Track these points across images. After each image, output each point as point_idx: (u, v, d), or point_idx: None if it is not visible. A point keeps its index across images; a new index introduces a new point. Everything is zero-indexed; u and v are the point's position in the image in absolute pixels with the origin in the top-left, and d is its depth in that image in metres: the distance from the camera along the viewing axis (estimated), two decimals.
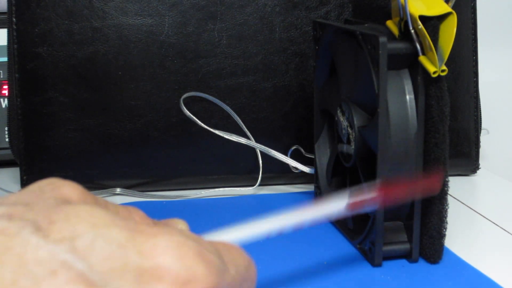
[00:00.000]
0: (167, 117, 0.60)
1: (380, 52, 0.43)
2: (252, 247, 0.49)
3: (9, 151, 0.63)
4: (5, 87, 0.68)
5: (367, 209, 0.40)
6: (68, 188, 0.29)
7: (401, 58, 0.44)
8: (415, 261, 0.46)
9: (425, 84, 0.44)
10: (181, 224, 0.34)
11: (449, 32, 0.43)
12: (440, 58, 0.43)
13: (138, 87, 0.59)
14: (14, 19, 0.58)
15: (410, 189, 0.42)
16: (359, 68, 0.47)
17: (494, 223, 0.54)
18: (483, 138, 0.68)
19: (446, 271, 0.46)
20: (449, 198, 0.45)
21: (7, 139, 0.64)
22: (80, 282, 0.23)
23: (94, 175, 0.60)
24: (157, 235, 0.26)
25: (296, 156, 0.60)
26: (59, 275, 0.23)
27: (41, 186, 0.29)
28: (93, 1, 0.58)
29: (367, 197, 0.40)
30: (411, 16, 0.43)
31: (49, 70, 0.59)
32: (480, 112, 0.66)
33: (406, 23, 0.44)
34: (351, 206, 0.39)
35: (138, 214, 0.30)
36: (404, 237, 0.47)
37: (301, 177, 0.62)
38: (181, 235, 0.26)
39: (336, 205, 0.38)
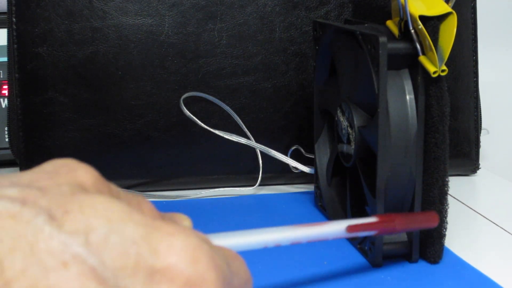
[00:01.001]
0: (167, 117, 0.60)
1: (380, 52, 0.43)
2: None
3: (9, 151, 0.63)
4: (5, 87, 0.68)
5: (365, 233, 0.41)
6: (83, 173, 0.28)
7: (401, 58, 0.44)
8: (415, 261, 0.46)
9: (425, 84, 0.44)
10: (186, 221, 0.34)
11: (449, 32, 0.43)
12: (440, 58, 0.43)
13: (138, 87, 0.59)
14: (14, 19, 0.58)
15: (409, 222, 0.42)
16: (359, 68, 0.47)
17: (494, 223, 0.54)
18: (483, 138, 0.68)
19: (446, 271, 0.46)
20: (449, 198, 0.45)
21: (7, 139, 0.64)
22: (91, 277, 0.22)
23: None
24: (174, 235, 0.25)
25: (296, 156, 0.60)
26: (70, 268, 0.22)
27: (56, 167, 0.28)
28: (93, 1, 0.58)
29: (367, 221, 0.40)
30: (411, 16, 0.43)
31: (49, 70, 0.58)
32: (480, 112, 0.66)
33: (406, 23, 0.44)
34: (350, 228, 0.39)
35: (147, 206, 0.29)
36: (404, 237, 0.47)
37: (301, 177, 0.62)
38: (196, 236, 0.26)
39: (336, 226, 0.39)
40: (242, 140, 0.58)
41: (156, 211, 0.30)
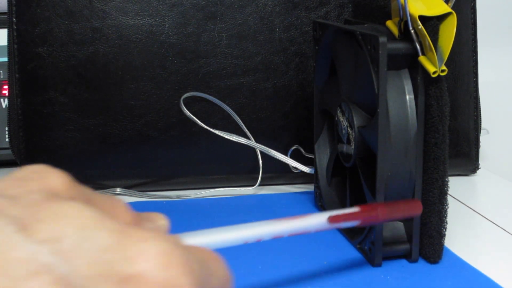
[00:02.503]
0: (167, 117, 0.60)
1: (380, 52, 0.43)
2: (252, 247, 0.49)
3: (9, 151, 0.63)
4: (5, 87, 0.68)
5: (348, 224, 0.40)
6: (55, 178, 0.28)
7: (401, 58, 0.45)
8: (415, 261, 0.46)
9: (425, 84, 0.44)
10: (162, 220, 0.33)
11: (449, 32, 0.43)
12: (440, 58, 0.43)
13: (138, 87, 0.59)
14: (14, 19, 0.58)
15: (392, 211, 0.42)
16: (359, 68, 0.47)
17: (494, 223, 0.54)
18: (483, 138, 0.68)
19: (446, 271, 0.46)
20: (449, 198, 0.45)
21: (7, 139, 0.64)
22: (61, 286, 0.22)
23: (94, 175, 0.60)
24: (146, 240, 0.25)
25: (296, 156, 0.60)
26: (39, 277, 0.22)
27: (27, 173, 0.28)
28: (93, 1, 0.58)
29: (349, 212, 0.40)
30: (411, 16, 0.43)
31: (49, 70, 0.59)
32: (480, 112, 0.66)
33: (406, 23, 0.44)
34: (332, 219, 0.39)
35: (121, 209, 0.29)
36: (404, 237, 0.47)
37: (301, 177, 0.62)
38: (169, 241, 0.26)
39: (318, 217, 0.38)
40: (242, 140, 0.58)
41: (130, 213, 0.29)
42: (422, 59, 0.43)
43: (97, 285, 0.23)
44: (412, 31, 0.43)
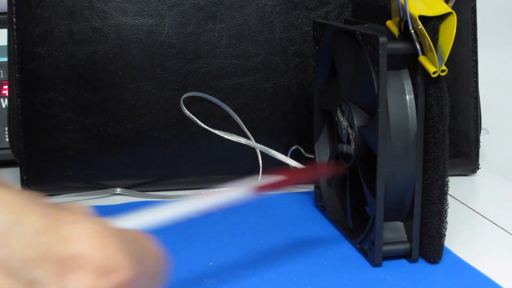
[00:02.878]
0: (167, 117, 0.60)
1: (380, 52, 0.43)
2: (252, 248, 0.49)
3: (9, 151, 0.63)
4: (5, 87, 0.68)
5: (274, 191, 0.40)
6: None
7: (401, 58, 0.44)
8: (415, 261, 0.46)
9: (425, 84, 0.44)
10: (85, 209, 0.34)
11: (449, 32, 0.43)
12: (440, 58, 0.43)
13: (138, 87, 0.59)
14: (14, 19, 0.58)
15: (314, 173, 0.42)
16: (359, 68, 0.47)
17: (494, 223, 0.54)
18: (483, 138, 0.68)
19: (446, 271, 0.46)
20: (449, 198, 0.45)
21: (7, 139, 0.64)
22: None
23: (94, 175, 0.60)
24: (79, 222, 0.25)
25: (296, 156, 0.60)
26: None
27: None
28: (93, 1, 0.58)
29: (273, 179, 0.40)
30: (411, 16, 0.43)
31: (49, 70, 0.59)
32: (480, 112, 0.66)
33: (406, 23, 0.44)
34: (257, 188, 0.39)
35: (43, 199, 0.30)
36: (404, 237, 0.47)
37: None
38: (101, 222, 0.26)
39: (243, 188, 0.38)
40: (242, 140, 0.58)
41: (52, 204, 0.30)
42: (422, 59, 0.43)
43: (36, 268, 0.23)
44: (412, 31, 0.43)
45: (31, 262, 0.23)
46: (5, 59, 0.64)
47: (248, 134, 0.60)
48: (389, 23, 0.47)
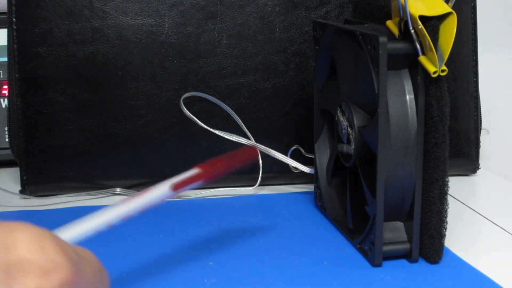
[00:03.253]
0: (167, 117, 0.60)
1: (380, 52, 0.43)
2: (252, 248, 0.49)
3: (9, 151, 0.63)
4: (5, 87, 0.68)
5: (192, 187, 0.40)
6: None
7: (401, 58, 0.44)
8: (415, 261, 0.46)
9: (425, 84, 0.44)
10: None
11: (449, 32, 0.43)
12: (440, 58, 0.43)
13: (138, 87, 0.59)
14: (14, 19, 0.58)
15: (230, 161, 0.42)
16: (359, 68, 0.47)
17: (494, 223, 0.54)
18: (483, 138, 0.68)
19: (446, 271, 0.46)
20: (449, 198, 0.45)
21: (7, 139, 0.64)
22: None
23: (94, 175, 0.60)
24: (17, 229, 0.26)
25: (296, 156, 0.60)
26: None
27: None
28: (93, 1, 0.58)
29: (190, 175, 0.40)
30: (411, 16, 0.43)
31: (49, 70, 0.59)
32: (480, 112, 0.66)
33: (406, 23, 0.44)
34: (175, 186, 0.39)
35: None
36: (404, 237, 0.47)
37: (301, 177, 0.62)
38: (36, 228, 0.27)
39: (161, 188, 0.39)
40: (242, 140, 0.58)
41: None
42: (422, 59, 0.43)
43: None
44: (412, 31, 0.43)
45: None
46: (5, 59, 0.64)
47: (248, 134, 0.60)
48: (389, 23, 0.47)
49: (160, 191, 0.39)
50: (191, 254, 0.48)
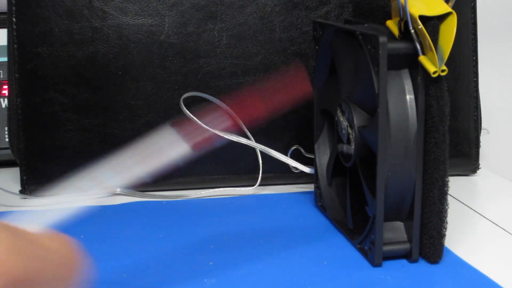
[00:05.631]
0: (167, 117, 0.60)
1: (380, 52, 0.43)
2: (252, 248, 0.49)
3: (9, 151, 0.63)
4: (5, 87, 0.68)
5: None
6: None
7: (401, 58, 0.44)
8: (415, 261, 0.46)
9: (425, 84, 0.44)
10: None
11: (449, 32, 0.43)
12: (440, 58, 0.43)
13: (138, 87, 0.59)
14: (14, 19, 0.58)
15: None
16: (359, 68, 0.47)
17: (494, 223, 0.54)
18: (483, 138, 0.68)
19: (446, 271, 0.46)
20: (449, 198, 0.45)
21: (7, 139, 0.64)
22: None
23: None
24: None
25: (296, 156, 0.60)
26: None
27: None
28: (93, 1, 0.58)
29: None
30: (411, 16, 0.43)
31: (49, 70, 0.58)
32: (480, 112, 0.66)
33: (406, 23, 0.44)
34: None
35: None
36: (404, 237, 0.47)
37: (301, 177, 0.62)
38: None
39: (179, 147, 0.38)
40: (242, 140, 0.58)
41: None
42: (422, 59, 0.43)
43: None
44: (412, 31, 0.43)
45: None
46: (5, 59, 0.64)
47: (248, 134, 0.60)
48: (389, 23, 0.47)
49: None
50: (191, 254, 0.48)
